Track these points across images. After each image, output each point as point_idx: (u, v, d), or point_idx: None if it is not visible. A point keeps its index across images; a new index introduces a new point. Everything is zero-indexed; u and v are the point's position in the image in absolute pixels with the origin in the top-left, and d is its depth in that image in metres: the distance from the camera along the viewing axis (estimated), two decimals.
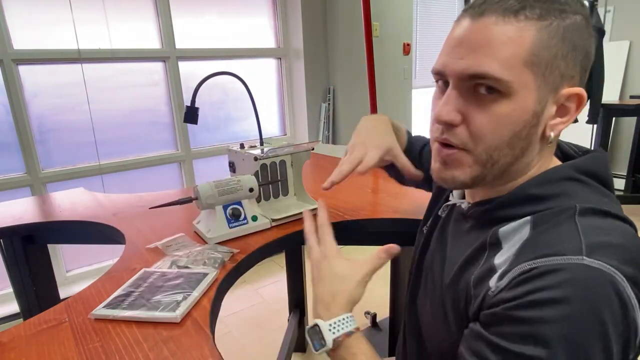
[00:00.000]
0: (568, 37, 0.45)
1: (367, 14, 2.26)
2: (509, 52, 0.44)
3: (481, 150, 0.47)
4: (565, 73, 0.46)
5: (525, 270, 0.42)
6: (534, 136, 0.48)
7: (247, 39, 2.64)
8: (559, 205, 0.46)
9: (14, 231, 1.12)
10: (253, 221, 0.99)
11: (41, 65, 1.99)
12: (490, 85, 0.45)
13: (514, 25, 0.44)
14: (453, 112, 0.47)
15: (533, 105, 0.46)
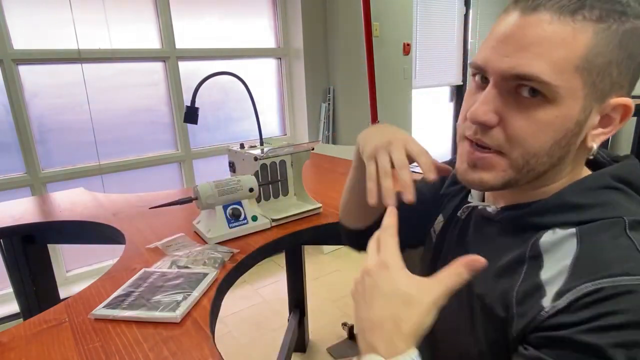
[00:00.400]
0: (625, 43, 0.41)
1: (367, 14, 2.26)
2: (561, 55, 0.40)
3: (518, 155, 0.45)
4: (616, 82, 0.43)
5: (589, 292, 0.39)
6: (573, 145, 0.45)
7: (247, 39, 2.64)
8: (601, 216, 0.44)
9: (14, 231, 1.12)
10: (253, 221, 0.99)
11: (41, 65, 1.99)
12: (536, 87, 0.42)
13: (569, 26, 0.40)
14: (490, 112, 0.44)
15: (577, 114, 0.43)
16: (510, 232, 0.50)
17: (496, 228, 0.52)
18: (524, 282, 0.45)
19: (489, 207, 0.53)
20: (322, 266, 2.55)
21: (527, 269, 0.46)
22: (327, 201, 1.16)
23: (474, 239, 0.55)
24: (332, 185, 1.36)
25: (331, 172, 1.53)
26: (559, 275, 0.42)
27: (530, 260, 0.46)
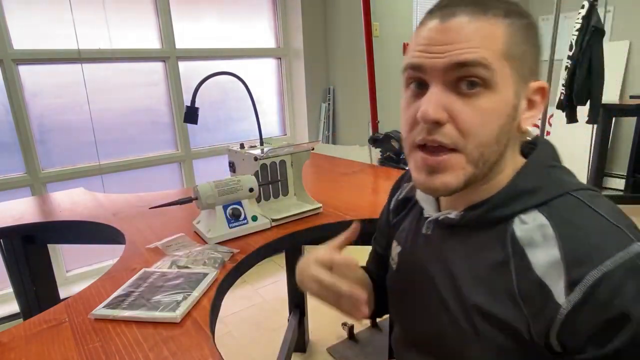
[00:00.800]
0: (527, 35, 0.48)
1: (367, 14, 2.26)
2: (490, 45, 0.45)
3: (472, 147, 0.47)
4: (532, 68, 0.49)
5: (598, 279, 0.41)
6: (513, 131, 0.49)
7: (247, 39, 2.64)
8: (554, 193, 0.48)
9: (14, 231, 1.12)
10: (253, 221, 0.99)
11: (41, 65, 1.99)
12: (476, 75, 0.45)
13: (486, 22, 0.45)
14: (440, 109, 0.45)
15: (512, 98, 0.47)
16: (480, 231, 0.51)
17: (464, 232, 0.53)
18: (520, 281, 0.46)
19: (450, 214, 0.54)
20: None
21: (516, 267, 0.47)
22: (327, 201, 1.16)
23: (450, 250, 0.55)
24: (332, 185, 1.36)
25: (331, 172, 1.53)
26: (554, 267, 0.44)
27: (515, 257, 0.47)
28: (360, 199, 1.18)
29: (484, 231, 0.51)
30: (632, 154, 3.51)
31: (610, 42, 3.60)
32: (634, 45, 3.54)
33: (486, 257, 0.50)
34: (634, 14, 3.49)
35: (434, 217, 0.57)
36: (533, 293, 0.45)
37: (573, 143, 3.74)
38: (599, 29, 2.60)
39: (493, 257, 0.49)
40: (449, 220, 0.54)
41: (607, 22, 3.59)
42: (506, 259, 0.48)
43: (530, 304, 0.45)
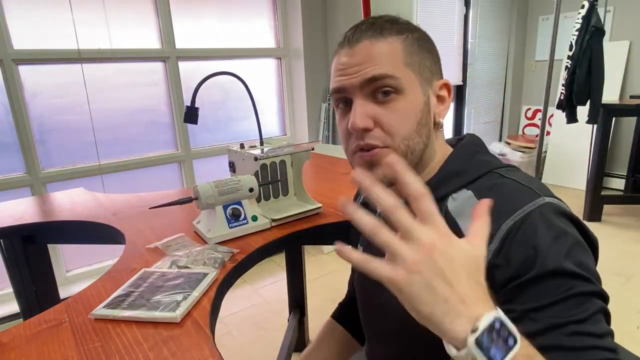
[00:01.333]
0: (422, 44, 0.58)
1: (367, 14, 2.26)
2: (392, 59, 0.55)
3: (399, 141, 0.56)
4: (432, 70, 0.59)
5: (511, 227, 0.49)
6: (430, 123, 0.59)
7: (247, 39, 2.64)
8: (479, 172, 0.57)
9: (14, 231, 1.12)
10: (253, 221, 0.99)
11: (41, 65, 1.99)
12: (387, 85, 0.55)
13: (385, 42, 0.56)
14: (365, 118, 0.56)
15: (421, 96, 0.57)
16: None
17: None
18: None
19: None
20: (322, 266, 2.55)
21: None
22: (327, 201, 1.16)
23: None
24: (332, 185, 1.36)
25: (331, 172, 1.53)
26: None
27: (450, 228, 0.51)
28: None
29: None
30: (632, 154, 3.51)
31: (610, 42, 3.60)
32: (634, 45, 3.54)
33: None
34: (634, 14, 3.49)
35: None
36: None
37: (573, 143, 3.74)
38: (599, 29, 2.60)
39: None
40: None
41: (607, 22, 3.59)
42: None
43: None
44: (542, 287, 0.46)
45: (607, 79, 2.75)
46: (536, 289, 0.46)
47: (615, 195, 3.48)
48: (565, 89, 2.77)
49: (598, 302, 0.46)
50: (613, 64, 3.54)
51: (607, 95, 2.99)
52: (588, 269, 0.47)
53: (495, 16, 4.07)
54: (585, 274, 0.46)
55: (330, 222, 1.04)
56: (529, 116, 4.47)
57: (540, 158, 2.65)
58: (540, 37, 4.19)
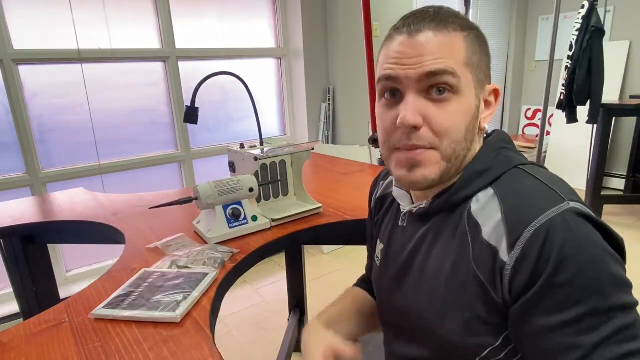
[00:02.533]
0: (481, 44, 0.55)
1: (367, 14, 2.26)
2: (454, 55, 0.52)
3: (447, 145, 0.53)
4: (486, 73, 0.56)
5: (532, 235, 0.46)
6: (476, 129, 0.56)
7: (247, 39, 2.64)
8: (504, 170, 0.54)
9: (14, 231, 1.12)
10: (253, 221, 0.99)
11: (41, 65, 1.99)
12: (445, 83, 0.51)
13: (448, 36, 0.52)
14: (417, 115, 0.52)
15: (474, 101, 0.54)
16: (448, 215, 0.57)
17: (435, 218, 0.59)
18: (474, 249, 0.52)
19: (422, 205, 0.60)
20: (322, 266, 2.55)
21: (472, 238, 0.53)
22: (327, 201, 1.16)
23: (424, 236, 0.60)
24: (332, 185, 1.36)
25: (331, 172, 1.53)
26: (497, 230, 0.50)
27: (471, 229, 0.53)
28: (360, 199, 1.18)
29: (450, 215, 0.57)
30: (632, 154, 3.51)
31: (610, 42, 3.60)
32: (634, 45, 3.54)
33: (452, 236, 0.55)
34: (634, 14, 3.49)
35: (408, 209, 0.63)
36: (484, 257, 0.50)
37: (573, 143, 3.74)
38: (599, 29, 2.60)
39: (456, 234, 0.55)
40: (421, 209, 0.60)
41: (607, 22, 3.59)
42: (464, 233, 0.54)
43: (482, 269, 0.50)
44: (554, 302, 0.45)
45: (607, 79, 2.75)
46: (549, 303, 0.45)
47: (615, 195, 3.48)
48: (565, 89, 2.77)
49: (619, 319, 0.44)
50: (613, 64, 3.54)
51: (607, 95, 2.99)
52: (611, 280, 0.45)
53: (495, 16, 4.07)
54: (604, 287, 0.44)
55: (330, 222, 1.04)
56: (529, 116, 4.47)
57: (540, 158, 2.64)
58: (540, 37, 4.19)
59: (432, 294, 0.57)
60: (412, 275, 0.61)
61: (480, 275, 0.51)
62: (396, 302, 0.65)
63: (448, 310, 0.54)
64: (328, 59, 2.86)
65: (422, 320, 0.59)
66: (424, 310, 0.59)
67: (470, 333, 0.52)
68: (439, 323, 0.56)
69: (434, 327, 0.57)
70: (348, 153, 2.76)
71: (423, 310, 0.59)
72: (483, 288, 0.50)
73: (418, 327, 0.60)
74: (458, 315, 0.53)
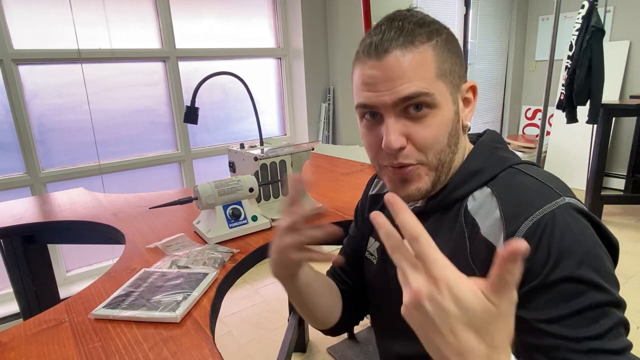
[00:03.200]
0: (450, 47, 0.55)
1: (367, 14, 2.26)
2: (424, 72, 0.52)
3: (432, 157, 0.55)
4: (460, 74, 0.57)
5: (530, 228, 0.48)
6: (459, 130, 0.57)
7: (247, 39, 2.64)
8: (498, 169, 0.56)
9: (14, 231, 1.12)
10: (253, 221, 0.99)
11: (41, 65, 1.99)
12: (420, 101, 0.52)
13: (416, 52, 0.52)
14: (399, 137, 0.53)
15: (452, 107, 0.55)
16: (443, 214, 0.59)
17: (431, 218, 0.60)
18: (472, 246, 0.53)
19: (417, 204, 0.62)
20: (322, 266, 2.54)
21: (469, 235, 0.54)
22: (327, 201, 1.16)
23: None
24: (332, 185, 1.36)
25: (331, 172, 1.53)
26: (495, 225, 0.51)
27: (468, 227, 0.54)
28: None
29: (445, 214, 0.58)
30: (632, 154, 3.51)
31: (610, 42, 3.60)
32: (634, 45, 3.54)
33: (448, 234, 0.56)
34: (634, 14, 3.49)
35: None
36: (481, 253, 0.52)
37: (573, 143, 3.74)
38: (599, 29, 2.60)
39: (453, 233, 0.56)
40: (416, 209, 0.62)
41: (607, 22, 3.59)
42: (462, 230, 0.55)
43: (480, 266, 0.51)
44: (556, 295, 0.45)
45: (607, 79, 2.75)
46: (550, 296, 0.45)
47: (615, 195, 3.48)
48: (565, 89, 2.77)
49: (615, 314, 0.45)
50: (613, 64, 3.54)
51: (607, 95, 2.99)
52: (606, 275, 0.46)
53: (495, 16, 4.07)
54: (601, 281, 0.45)
55: (330, 222, 1.04)
56: (529, 116, 4.47)
57: (540, 158, 2.64)
58: (540, 37, 4.19)
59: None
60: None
61: (476, 270, 0.51)
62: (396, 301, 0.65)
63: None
64: (328, 59, 2.86)
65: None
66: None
67: None
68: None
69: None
70: (348, 153, 2.76)
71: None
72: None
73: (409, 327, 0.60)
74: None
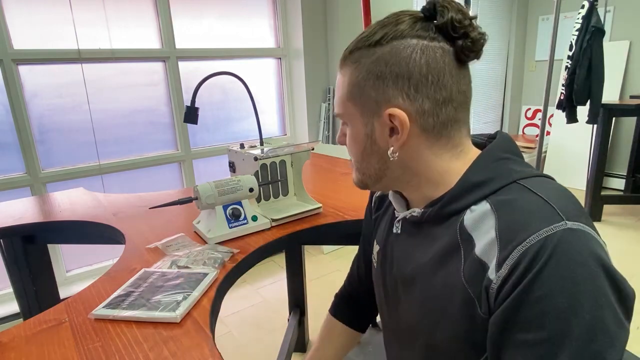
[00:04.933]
0: (371, 70, 0.53)
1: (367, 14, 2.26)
2: (339, 93, 0.59)
3: (354, 160, 0.62)
4: (379, 99, 0.54)
5: (521, 255, 0.44)
6: (381, 151, 0.57)
7: (247, 39, 2.64)
8: (502, 183, 0.51)
9: (14, 231, 1.12)
10: (253, 221, 0.99)
11: (41, 65, 1.99)
12: (338, 116, 0.61)
13: (341, 73, 0.58)
14: (341, 136, 0.63)
15: (363, 128, 0.57)
16: (439, 225, 0.56)
17: (427, 227, 0.59)
18: (465, 264, 0.51)
19: (414, 212, 0.60)
20: (322, 266, 2.55)
21: (464, 252, 0.51)
22: (327, 201, 1.16)
23: (416, 245, 0.60)
24: (332, 185, 1.36)
25: (331, 172, 1.53)
26: (490, 246, 0.48)
27: (464, 243, 0.52)
28: (360, 199, 1.18)
29: (442, 225, 0.56)
30: (632, 154, 3.51)
31: (610, 42, 3.60)
32: (634, 45, 3.54)
33: (443, 247, 0.54)
34: (634, 14, 3.49)
35: (401, 216, 0.64)
36: (474, 273, 0.49)
37: (573, 143, 3.74)
38: (599, 28, 2.60)
39: (447, 247, 0.54)
40: (413, 217, 0.60)
41: (607, 22, 3.59)
42: (456, 245, 0.53)
43: (472, 284, 0.49)
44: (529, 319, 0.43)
45: (607, 79, 2.75)
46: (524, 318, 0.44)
47: (615, 195, 3.48)
48: (565, 89, 2.77)
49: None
50: (613, 64, 3.54)
51: (607, 95, 2.99)
52: (591, 321, 0.41)
53: (495, 16, 4.07)
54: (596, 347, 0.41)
55: (330, 222, 1.04)
56: (529, 116, 4.47)
57: (540, 158, 2.64)
58: (540, 37, 4.19)
59: (423, 303, 0.57)
60: (403, 282, 0.62)
61: (469, 290, 0.50)
62: (393, 308, 0.66)
63: (439, 320, 0.54)
64: (328, 59, 2.86)
65: (415, 327, 0.60)
66: (417, 318, 0.59)
67: (460, 344, 0.52)
68: (432, 332, 0.56)
69: (426, 336, 0.57)
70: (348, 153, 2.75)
71: (416, 318, 0.59)
72: (470, 303, 0.50)
73: (411, 333, 0.61)
74: (448, 326, 0.53)
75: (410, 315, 0.60)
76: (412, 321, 0.60)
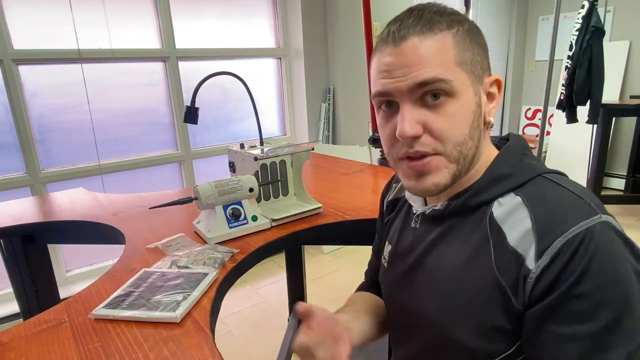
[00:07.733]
0: (473, 37, 0.53)
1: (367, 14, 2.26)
2: (442, 59, 0.50)
3: (451, 148, 0.52)
4: (483, 66, 0.54)
5: (564, 245, 0.45)
6: (482, 124, 0.55)
7: (247, 39, 2.64)
8: (527, 177, 0.53)
9: (14, 231, 1.12)
10: (253, 221, 0.99)
11: (41, 65, 1.99)
12: (437, 89, 0.50)
13: (434, 39, 0.51)
14: (415, 125, 0.51)
15: (473, 98, 0.53)
16: (463, 218, 0.56)
17: (449, 221, 0.58)
18: (497, 255, 0.51)
19: (436, 206, 0.59)
20: (322, 266, 2.55)
21: (494, 243, 0.51)
22: (327, 201, 1.16)
23: (437, 238, 0.59)
24: (332, 185, 1.36)
25: (331, 172, 1.53)
26: (526, 237, 0.48)
27: (493, 235, 0.52)
28: (360, 199, 1.18)
29: (467, 217, 0.56)
30: (632, 154, 3.51)
31: (610, 42, 3.60)
32: (634, 45, 3.54)
33: (469, 239, 0.54)
34: (634, 14, 3.49)
35: (421, 211, 0.62)
36: (508, 264, 0.49)
37: (573, 143, 3.74)
38: (599, 28, 2.60)
39: (475, 238, 0.54)
40: (435, 211, 0.59)
41: (607, 22, 3.58)
42: (486, 237, 0.52)
43: (506, 276, 0.49)
44: (581, 312, 0.45)
45: (607, 79, 2.75)
46: (575, 311, 0.45)
47: (615, 195, 3.48)
48: (565, 89, 2.77)
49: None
50: (613, 64, 3.53)
51: (607, 95, 2.99)
52: (635, 301, 0.44)
53: (495, 16, 4.07)
54: (628, 308, 0.44)
55: (330, 222, 1.04)
56: (529, 116, 4.47)
57: (540, 158, 2.64)
58: (540, 37, 4.19)
59: (443, 297, 0.56)
60: (422, 276, 0.60)
61: (502, 282, 0.50)
62: (404, 303, 0.64)
63: (461, 315, 0.53)
64: (328, 59, 2.86)
65: (432, 323, 0.58)
66: (435, 313, 0.58)
67: (484, 339, 0.52)
68: (450, 327, 0.55)
69: (444, 331, 0.56)
70: (348, 153, 2.76)
71: (433, 313, 0.58)
72: (505, 295, 0.49)
73: (427, 329, 0.59)
74: (472, 321, 0.52)
75: (428, 310, 0.59)
76: (429, 317, 0.58)
